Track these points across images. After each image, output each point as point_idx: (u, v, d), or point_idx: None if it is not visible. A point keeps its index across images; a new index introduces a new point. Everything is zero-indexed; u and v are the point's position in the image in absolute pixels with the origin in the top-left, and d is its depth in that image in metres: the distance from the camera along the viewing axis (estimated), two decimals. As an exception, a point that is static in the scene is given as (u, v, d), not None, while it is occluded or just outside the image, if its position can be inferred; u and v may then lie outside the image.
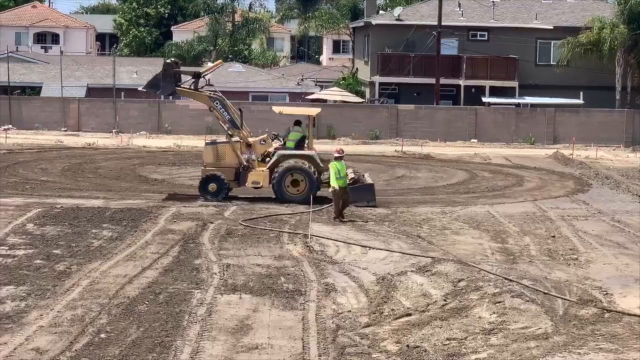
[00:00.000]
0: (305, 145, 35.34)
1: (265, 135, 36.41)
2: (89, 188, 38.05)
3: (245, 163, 34.92)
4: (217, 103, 35.29)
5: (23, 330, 18.25)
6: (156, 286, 21.85)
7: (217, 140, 37.14)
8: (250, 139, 35.27)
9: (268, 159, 35.27)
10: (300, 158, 34.79)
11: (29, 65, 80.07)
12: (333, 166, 31.15)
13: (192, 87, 35.59)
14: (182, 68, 37.71)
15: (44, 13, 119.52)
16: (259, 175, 34.81)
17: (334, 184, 30.97)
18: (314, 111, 36.76)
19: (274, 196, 34.90)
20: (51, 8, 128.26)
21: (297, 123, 35.91)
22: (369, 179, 35.44)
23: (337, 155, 31.42)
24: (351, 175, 34.32)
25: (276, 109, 38.72)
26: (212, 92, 35.95)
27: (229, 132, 35.26)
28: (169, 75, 35.27)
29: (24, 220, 29.46)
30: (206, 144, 36.40)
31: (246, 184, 35.04)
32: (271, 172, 34.73)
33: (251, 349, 17.64)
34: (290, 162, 34.62)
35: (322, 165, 34.85)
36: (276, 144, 35.91)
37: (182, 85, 35.79)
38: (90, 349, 17.22)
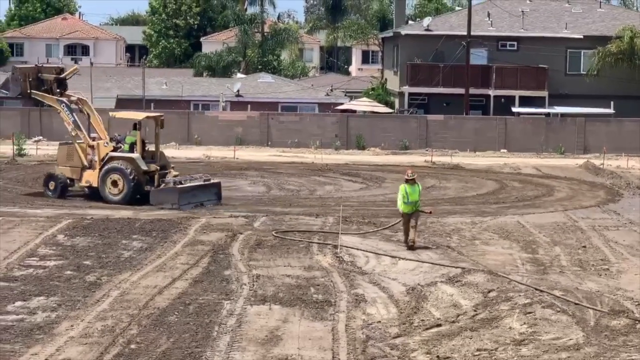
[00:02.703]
0: (135, 148, 36.76)
1: (108, 138, 37.83)
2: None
3: (86, 164, 36.97)
4: (63, 106, 37.93)
5: (54, 340, 18.34)
6: (186, 297, 21.90)
7: (69, 142, 38.92)
8: (93, 142, 37.18)
9: None
10: (124, 160, 36.44)
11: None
12: (402, 189, 28.77)
13: (57, 91, 38.42)
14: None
15: (74, 25, 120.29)
16: (91, 175, 37.01)
17: (400, 208, 28.76)
18: (141, 115, 38.86)
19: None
20: (81, 20, 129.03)
21: (135, 127, 37.22)
22: (191, 183, 36.41)
23: (406, 177, 29.09)
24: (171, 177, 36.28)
25: (111, 113, 41.57)
26: (78, 97, 38.91)
27: (72, 133, 37.57)
28: (15, 78, 38.63)
29: (55, 232, 29.60)
30: (60, 144, 39.31)
31: (81, 183, 37.30)
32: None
33: (281, 359, 17.63)
34: (112, 163, 36.41)
35: (146, 167, 36.33)
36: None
37: (48, 90, 38.45)
38: (120, 360, 17.30)
